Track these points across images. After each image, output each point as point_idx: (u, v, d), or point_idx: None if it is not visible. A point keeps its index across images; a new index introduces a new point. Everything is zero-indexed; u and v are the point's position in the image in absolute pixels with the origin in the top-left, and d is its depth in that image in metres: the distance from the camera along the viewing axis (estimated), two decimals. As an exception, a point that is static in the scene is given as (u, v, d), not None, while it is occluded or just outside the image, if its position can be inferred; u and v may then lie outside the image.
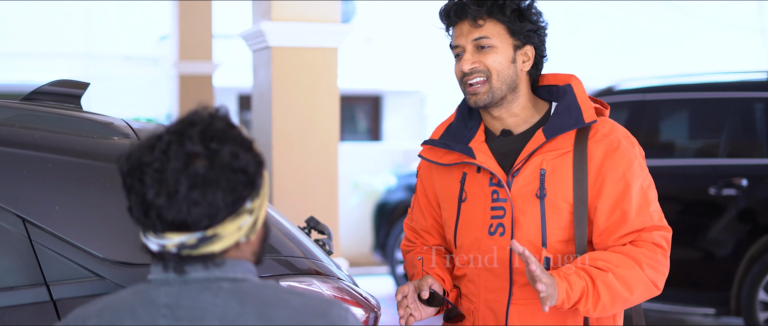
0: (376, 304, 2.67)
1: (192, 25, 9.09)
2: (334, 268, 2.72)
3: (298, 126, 5.01)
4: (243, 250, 1.73)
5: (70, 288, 2.30)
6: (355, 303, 2.57)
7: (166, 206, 1.62)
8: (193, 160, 1.63)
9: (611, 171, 2.55)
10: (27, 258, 2.30)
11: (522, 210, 2.59)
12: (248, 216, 1.69)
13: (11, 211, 2.31)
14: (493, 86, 2.61)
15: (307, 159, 5.03)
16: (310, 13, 4.96)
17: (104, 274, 2.32)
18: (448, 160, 2.70)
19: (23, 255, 2.30)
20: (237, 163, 1.65)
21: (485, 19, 2.60)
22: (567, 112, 2.59)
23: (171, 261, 1.67)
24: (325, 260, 2.73)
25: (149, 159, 1.64)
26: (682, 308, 6.83)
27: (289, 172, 4.99)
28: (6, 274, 2.29)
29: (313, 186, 5.04)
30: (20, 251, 2.30)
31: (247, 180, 1.66)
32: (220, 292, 1.66)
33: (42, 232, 2.31)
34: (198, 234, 1.65)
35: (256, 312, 1.64)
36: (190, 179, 1.62)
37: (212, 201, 1.63)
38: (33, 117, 2.52)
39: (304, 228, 3.21)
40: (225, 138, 1.66)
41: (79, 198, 2.38)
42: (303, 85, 5.00)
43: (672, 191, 6.77)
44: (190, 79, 9.11)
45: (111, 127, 2.58)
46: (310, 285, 2.51)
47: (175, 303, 1.66)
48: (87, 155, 2.44)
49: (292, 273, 2.52)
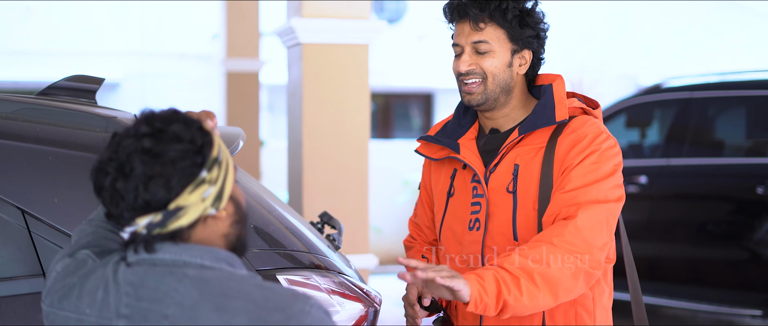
0: (377, 300, 2.68)
1: (239, 23, 9.16)
2: (338, 263, 2.74)
3: (329, 122, 5.02)
4: (211, 227, 1.79)
5: (67, 279, 2.34)
6: (354, 298, 2.58)
7: (125, 188, 1.72)
8: (141, 138, 1.74)
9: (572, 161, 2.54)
10: (26, 249, 2.35)
11: (496, 204, 2.62)
12: (209, 186, 1.76)
13: (11, 203, 2.36)
14: (488, 88, 2.64)
15: (338, 155, 5.04)
16: (340, 10, 4.97)
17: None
18: (440, 155, 2.75)
19: (22, 246, 2.35)
20: (183, 135, 1.75)
21: (486, 23, 2.62)
22: (542, 111, 2.63)
23: (141, 242, 1.76)
24: (329, 255, 2.74)
25: (107, 154, 1.76)
26: (729, 309, 6.72)
27: (319, 168, 5.01)
28: (5, 265, 2.34)
29: (343, 182, 5.06)
30: (19, 242, 2.35)
31: (196, 149, 1.75)
32: (184, 279, 1.72)
33: (41, 224, 2.36)
34: (163, 211, 1.73)
35: (213, 302, 1.69)
36: (141, 155, 1.72)
37: (163, 172, 1.72)
38: (37, 111, 2.57)
39: (317, 223, 3.23)
40: (169, 119, 1.77)
41: (78, 191, 2.43)
42: (333, 82, 5.02)
43: (719, 190, 6.68)
44: (237, 76, 9.19)
45: (114, 121, 2.62)
46: (309, 279, 2.52)
47: (140, 282, 1.74)
48: (87, 148, 2.49)
49: (292, 267, 2.54)
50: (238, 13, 9.13)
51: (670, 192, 6.84)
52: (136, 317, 1.71)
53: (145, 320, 1.70)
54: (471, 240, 2.66)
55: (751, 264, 6.57)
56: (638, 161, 7.15)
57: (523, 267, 2.41)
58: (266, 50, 12.10)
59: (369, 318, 2.60)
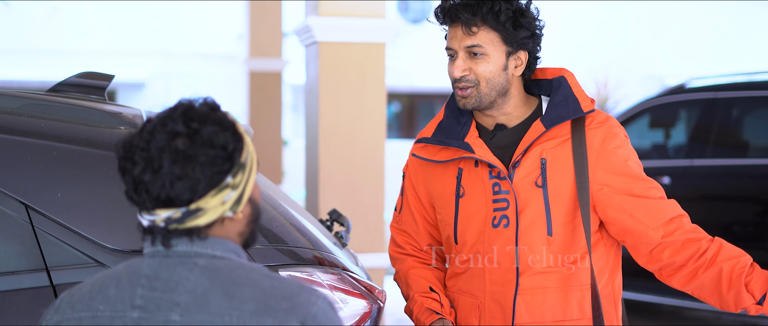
0: (382, 297, 2.67)
1: (262, 23, 9.20)
2: (344, 260, 2.73)
3: (345, 120, 5.02)
4: (228, 227, 1.84)
5: (70, 274, 2.35)
6: (357, 294, 2.57)
7: (151, 181, 1.75)
8: (174, 137, 1.76)
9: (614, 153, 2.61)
10: (29, 244, 2.36)
11: (526, 200, 2.61)
12: (231, 190, 1.80)
13: (14, 197, 2.38)
14: (482, 92, 2.62)
15: (354, 153, 5.04)
16: (357, 9, 4.97)
17: (104, 261, 2.37)
18: (444, 156, 2.71)
19: (25, 241, 2.36)
20: (216, 140, 1.77)
21: (479, 27, 2.58)
22: (564, 103, 2.62)
23: (159, 235, 1.80)
24: (335, 251, 2.74)
25: (138, 140, 1.78)
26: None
27: (335, 166, 5.01)
28: (8, 259, 2.36)
29: (359, 181, 5.05)
30: (22, 236, 2.36)
31: (226, 156, 1.78)
32: (195, 268, 1.78)
33: (44, 219, 2.37)
34: (183, 209, 1.77)
35: (223, 289, 1.75)
36: (172, 155, 1.75)
37: (192, 175, 1.75)
38: (42, 106, 2.58)
39: (326, 220, 3.23)
40: (205, 119, 1.79)
41: (81, 186, 2.44)
42: (350, 80, 5.01)
43: (743, 191, 6.62)
44: (260, 75, 9.22)
45: (119, 117, 2.62)
46: (312, 276, 2.52)
47: (154, 274, 1.79)
48: (91, 144, 2.50)
49: (294, 263, 2.54)
50: (262, 13, 9.16)
51: (694, 193, 6.79)
52: (149, 307, 1.76)
53: (158, 309, 1.75)
54: (498, 237, 2.63)
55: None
56: (662, 162, 7.10)
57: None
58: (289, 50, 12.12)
59: (373, 315, 2.58)
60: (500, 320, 2.66)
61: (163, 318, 1.74)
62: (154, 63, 14.15)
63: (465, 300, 2.72)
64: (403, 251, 2.88)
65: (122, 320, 1.76)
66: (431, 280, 2.79)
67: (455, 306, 2.76)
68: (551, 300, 2.63)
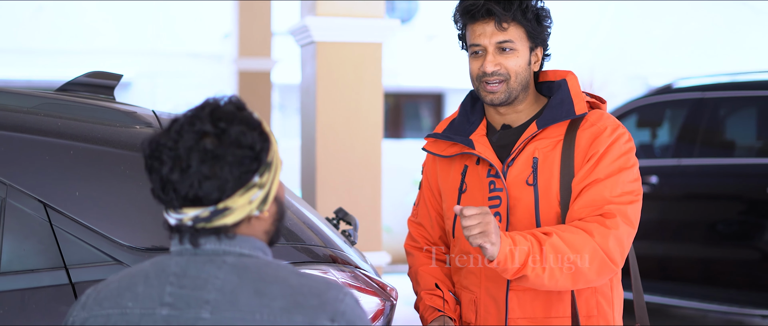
0: (393, 294, 2.71)
1: (251, 23, 9.20)
2: (354, 257, 2.76)
3: (343, 120, 5.05)
4: (255, 226, 1.85)
5: (88, 272, 2.37)
6: (370, 292, 2.60)
7: (179, 181, 1.77)
8: (203, 137, 1.77)
9: (594, 153, 2.64)
10: (47, 242, 2.38)
11: (516, 197, 2.68)
12: (258, 190, 1.81)
13: (33, 196, 2.39)
14: (511, 87, 2.69)
15: (352, 153, 5.07)
16: (354, 9, 5.00)
17: (122, 259, 2.39)
18: (450, 152, 2.80)
19: (44, 239, 2.38)
20: (244, 140, 1.78)
21: (509, 23, 2.66)
22: (560, 105, 2.70)
23: (186, 233, 1.82)
24: (345, 249, 2.77)
25: (165, 139, 1.79)
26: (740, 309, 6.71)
27: (333, 166, 5.04)
28: (27, 257, 2.37)
29: (356, 180, 5.08)
30: (41, 235, 2.38)
31: (254, 156, 1.79)
32: (223, 266, 1.79)
33: (62, 217, 2.39)
34: (210, 208, 1.78)
35: (253, 287, 1.76)
36: (200, 155, 1.76)
37: (220, 174, 1.76)
38: (57, 106, 2.60)
39: (332, 219, 3.25)
40: (232, 118, 1.80)
41: (99, 185, 2.46)
42: (347, 80, 5.04)
43: (730, 190, 6.67)
44: (249, 75, 9.22)
45: (134, 116, 2.65)
46: (326, 273, 2.55)
47: (182, 271, 1.80)
48: (108, 143, 2.51)
49: (310, 261, 2.56)
50: (251, 13, 9.16)
51: (681, 193, 6.84)
52: (178, 304, 1.77)
53: (188, 306, 1.76)
54: None
55: (761, 264, 6.57)
56: (649, 161, 7.15)
57: (556, 249, 2.53)
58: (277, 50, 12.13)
59: (386, 312, 2.62)
60: (494, 315, 2.74)
61: (193, 316, 1.75)
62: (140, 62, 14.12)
63: (465, 296, 2.81)
64: (417, 245, 2.95)
65: (151, 318, 1.77)
66: (438, 277, 2.86)
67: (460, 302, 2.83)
68: (542, 297, 2.70)
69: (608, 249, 2.56)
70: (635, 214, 2.63)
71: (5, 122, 2.48)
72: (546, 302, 2.70)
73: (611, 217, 2.58)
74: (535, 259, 2.51)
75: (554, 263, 2.52)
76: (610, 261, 2.58)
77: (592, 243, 2.55)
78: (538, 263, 2.51)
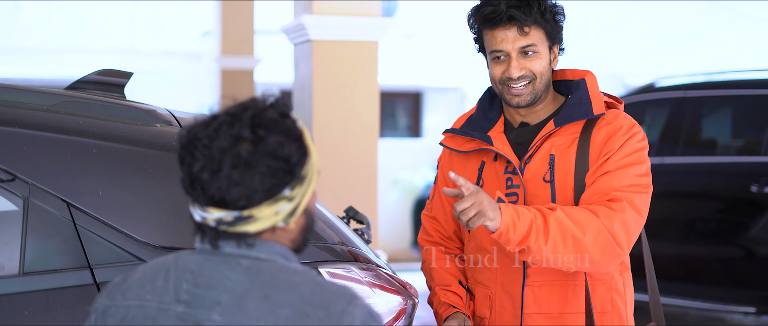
0: (414, 292, 2.71)
1: (234, 21, 9.16)
2: (373, 256, 2.76)
3: (339, 119, 5.04)
4: (279, 235, 1.80)
5: (113, 272, 2.34)
6: (393, 291, 2.59)
7: (209, 181, 1.72)
8: (239, 142, 1.72)
9: (609, 150, 2.66)
10: (71, 242, 2.35)
11: (533, 194, 2.71)
12: (287, 202, 1.76)
13: (56, 195, 2.37)
14: (536, 88, 2.72)
15: (347, 151, 5.06)
16: (350, 7, 4.99)
17: (147, 258, 2.37)
18: (468, 147, 2.82)
19: (68, 239, 2.35)
20: (280, 151, 1.73)
21: (530, 27, 2.68)
22: (578, 104, 2.73)
23: (208, 234, 1.78)
24: (364, 248, 2.76)
25: (202, 134, 1.74)
26: (722, 306, 6.77)
27: (329, 165, 5.03)
28: (51, 257, 2.35)
29: (352, 179, 5.08)
30: (65, 234, 2.35)
31: (288, 169, 1.74)
32: (237, 267, 1.75)
33: (86, 216, 2.37)
34: (235, 213, 1.74)
35: (262, 292, 1.72)
36: (233, 159, 1.71)
37: (250, 183, 1.71)
38: (77, 104, 2.57)
39: (343, 217, 3.25)
40: (273, 126, 1.74)
41: (122, 184, 2.43)
42: (344, 79, 5.03)
43: (713, 189, 6.72)
44: (231, 73, 9.19)
45: (154, 115, 2.63)
46: (349, 272, 2.54)
47: (198, 269, 1.77)
48: (130, 141, 2.49)
49: (333, 259, 2.56)
50: (233, 11, 9.13)
51: (665, 191, 6.88)
52: (193, 303, 1.74)
53: (201, 305, 1.73)
54: None
55: (745, 262, 6.63)
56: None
57: (559, 222, 2.53)
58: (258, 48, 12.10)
59: (408, 311, 2.61)
60: (510, 310, 2.76)
61: (205, 316, 1.72)
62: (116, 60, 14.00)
63: (480, 291, 2.83)
64: (431, 239, 2.97)
65: (167, 314, 1.75)
66: (454, 272, 2.88)
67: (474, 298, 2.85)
68: (558, 292, 2.73)
69: (613, 230, 2.57)
70: (643, 204, 2.65)
71: (27, 121, 2.46)
72: (561, 297, 2.73)
73: (617, 201, 2.59)
74: (538, 231, 2.52)
75: (558, 236, 2.53)
76: (616, 242, 2.58)
77: (597, 221, 2.56)
78: (540, 235, 2.52)
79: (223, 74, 9.18)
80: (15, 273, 2.32)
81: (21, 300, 2.29)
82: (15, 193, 2.35)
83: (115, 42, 13.99)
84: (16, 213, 2.35)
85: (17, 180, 2.36)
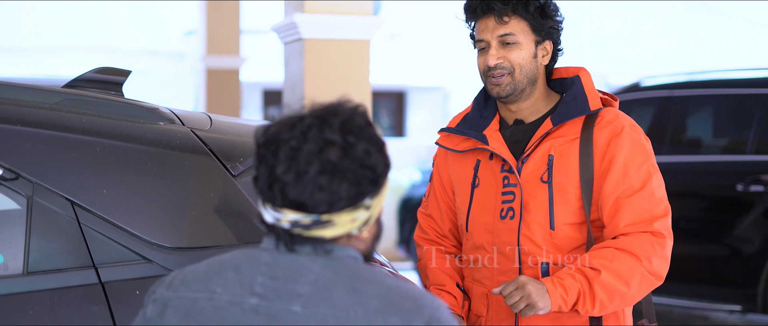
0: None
1: (220, 20, 9.13)
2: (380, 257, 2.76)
3: (330, 118, 5.02)
4: (353, 242, 1.78)
5: (118, 271, 2.32)
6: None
7: (292, 183, 1.69)
8: (328, 147, 1.69)
9: (616, 154, 2.65)
10: (76, 241, 2.33)
11: (531, 194, 2.70)
12: (365, 211, 1.74)
13: (60, 194, 2.34)
14: (516, 80, 2.71)
15: (339, 151, 5.04)
16: (342, 6, 4.98)
17: (152, 257, 2.35)
18: (464, 146, 2.82)
19: (72, 238, 2.33)
20: (368, 161, 1.71)
21: (510, 16, 2.70)
22: (574, 101, 2.72)
23: (283, 237, 1.74)
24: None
25: (287, 136, 1.71)
26: (708, 305, 6.79)
27: (320, 164, 5.01)
28: (55, 256, 2.32)
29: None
30: (69, 234, 2.33)
31: (373, 179, 1.73)
32: (318, 260, 1.73)
33: (90, 215, 2.34)
34: (314, 216, 1.71)
35: (348, 283, 1.70)
36: (322, 164, 1.68)
37: (336, 190, 1.69)
38: (79, 102, 2.55)
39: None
40: (362, 134, 1.73)
41: (127, 182, 2.41)
42: (335, 77, 5.02)
43: (699, 188, 6.74)
44: (217, 73, 9.16)
45: (157, 113, 2.61)
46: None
47: (274, 262, 1.74)
48: (135, 140, 2.47)
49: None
50: (219, 10, 9.10)
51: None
52: (269, 295, 1.71)
53: (278, 298, 1.70)
54: (505, 229, 2.73)
55: (730, 260, 6.66)
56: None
57: (605, 286, 2.59)
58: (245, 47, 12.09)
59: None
60: (506, 309, 2.75)
61: (284, 308, 1.69)
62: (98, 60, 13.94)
63: (477, 289, 2.82)
64: (427, 237, 2.96)
65: (240, 306, 1.71)
66: (451, 273, 2.87)
67: (470, 296, 2.85)
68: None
69: (654, 271, 2.63)
70: (661, 189, 2.70)
71: (30, 119, 2.43)
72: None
73: (660, 237, 2.64)
74: (585, 298, 2.58)
75: (605, 299, 2.59)
76: (657, 278, 2.65)
77: (640, 268, 2.60)
78: (587, 301, 2.59)
79: (209, 73, 9.15)
80: (19, 273, 2.29)
81: (25, 299, 2.26)
82: (18, 192, 2.32)
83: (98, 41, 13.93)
84: (20, 212, 2.32)
85: (21, 178, 2.33)
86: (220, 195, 2.47)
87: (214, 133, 2.62)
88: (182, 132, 2.56)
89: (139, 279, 2.32)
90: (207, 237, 2.41)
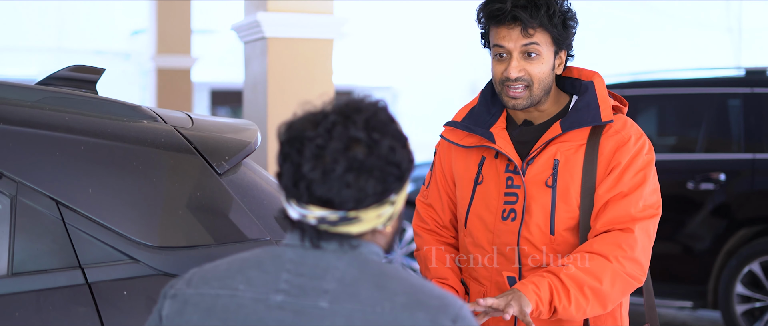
0: None
1: (170, 20, 9.04)
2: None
3: (294, 117, 5.00)
4: (377, 237, 1.79)
5: (104, 271, 2.28)
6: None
7: (318, 181, 1.67)
8: (354, 144, 1.68)
9: (618, 163, 2.63)
10: (61, 241, 2.28)
11: (534, 197, 2.67)
12: (390, 206, 1.75)
13: (45, 193, 2.29)
14: (534, 93, 2.68)
15: (302, 150, 5.02)
16: (305, 5, 4.96)
17: (138, 257, 2.31)
18: (469, 142, 2.79)
19: (57, 238, 2.28)
20: (393, 157, 1.71)
21: (535, 28, 2.63)
22: (586, 109, 2.68)
23: (309, 232, 1.73)
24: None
25: (312, 134, 1.69)
26: (659, 301, 6.87)
27: (283, 164, 4.99)
28: (41, 257, 2.27)
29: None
30: (54, 234, 2.28)
31: (399, 175, 1.72)
32: (343, 257, 1.72)
33: (76, 215, 2.29)
34: (341, 213, 1.70)
35: (374, 280, 1.69)
36: (348, 162, 1.67)
37: (363, 187, 1.68)
38: (61, 100, 2.50)
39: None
40: (386, 131, 1.72)
41: (112, 181, 2.36)
42: (299, 76, 5.00)
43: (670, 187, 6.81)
44: (168, 72, 9.06)
45: (139, 111, 2.57)
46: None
47: (299, 259, 1.72)
48: (119, 138, 2.43)
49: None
50: (169, 10, 9.01)
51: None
52: (294, 292, 1.70)
53: (304, 295, 1.69)
54: (505, 229, 2.71)
55: (682, 257, 6.75)
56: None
57: (573, 278, 2.54)
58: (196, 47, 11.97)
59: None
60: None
61: (310, 304, 1.68)
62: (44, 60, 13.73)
63: (475, 287, 2.81)
64: (426, 226, 2.93)
65: (265, 303, 1.70)
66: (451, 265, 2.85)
67: (469, 292, 2.83)
68: None
69: (627, 271, 2.59)
70: (654, 228, 2.65)
71: (11, 117, 2.37)
72: None
73: (629, 236, 2.59)
74: (558, 291, 2.53)
75: (577, 291, 2.54)
76: (632, 279, 2.60)
77: (610, 267, 2.57)
78: (562, 295, 2.53)
79: (159, 73, 9.05)
80: (4, 274, 2.24)
81: (11, 301, 2.21)
82: (2, 192, 2.27)
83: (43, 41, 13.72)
84: (3, 212, 2.27)
85: (4, 178, 2.28)
86: (206, 194, 2.45)
87: (197, 131, 2.59)
88: (166, 130, 2.52)
89: (126, 279, 2.29)
90: (194, 236, 2.38)
